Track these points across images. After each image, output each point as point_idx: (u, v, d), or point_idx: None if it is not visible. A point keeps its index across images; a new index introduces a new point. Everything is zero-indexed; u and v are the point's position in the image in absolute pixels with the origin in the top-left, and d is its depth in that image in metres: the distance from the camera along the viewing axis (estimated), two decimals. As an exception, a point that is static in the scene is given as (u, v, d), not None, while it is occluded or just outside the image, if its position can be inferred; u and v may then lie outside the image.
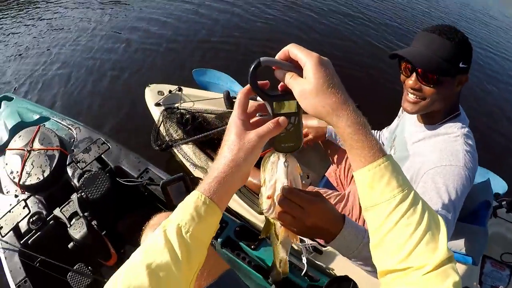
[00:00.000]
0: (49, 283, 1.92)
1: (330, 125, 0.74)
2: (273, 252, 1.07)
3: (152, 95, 3.24)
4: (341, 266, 2.00)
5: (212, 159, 2.74)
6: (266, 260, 1.88)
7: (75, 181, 2.17)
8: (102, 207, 2.13)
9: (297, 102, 0.78)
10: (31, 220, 2.06)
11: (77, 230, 1.87)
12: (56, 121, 2.60)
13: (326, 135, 2.30)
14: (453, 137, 1.42)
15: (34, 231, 2.03)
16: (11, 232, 2.06)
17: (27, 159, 2.26)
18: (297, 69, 0.76)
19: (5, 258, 1.99)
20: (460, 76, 1.38)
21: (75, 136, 2.45)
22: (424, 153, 1.45)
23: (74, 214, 2.02)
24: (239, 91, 0.82)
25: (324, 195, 1.97)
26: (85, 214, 2.01)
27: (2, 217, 2.13)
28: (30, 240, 2.02)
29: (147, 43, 5.36)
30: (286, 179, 0.86)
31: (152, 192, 2.19)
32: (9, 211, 2.14)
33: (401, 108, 1.85)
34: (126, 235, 2.41)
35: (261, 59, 0.75)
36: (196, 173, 2.68)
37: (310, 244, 2.00)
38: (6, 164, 2.29)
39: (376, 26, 6.81)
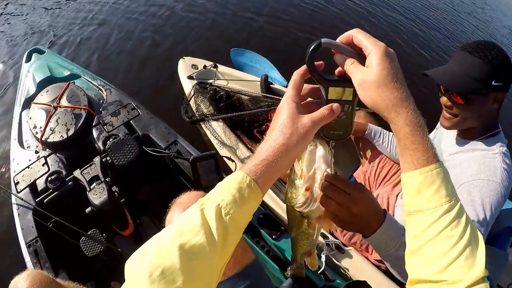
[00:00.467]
0: (61, 245, 1.81)
1: (387, 120, 0.71)
2: (297, 246, 1.04)
3: (186, 67, 3.15)
4: (357, 268, 1.93)
5: (242, 140, 2.63)
6: (285, 252, 1.84)
7: (100, 143, 2.04)
8: (126, 175, 2.00)
9: (354, 91, 0.75)
10: (49, 178, 1.95)
11: (97, 196, 1.73)
12: (86, 79, 2.48)
13: (366, 132, 2.19)
14: (491, 154, 1.41)
15: (51, 190, 1.92)
16: (27, 189, 1.96)
17: (52, 115, 2.14)
18: (359, 56, 0.73)
19: (18, 215, 1.90)
20: (495, 93, 1.37)
21: (105, 97, 2.32)
22: (461, 166, 1.44)
23: (95, 178, 1.90)
24: (295, 72, 0.79)
25: None
26: (107, 179, 1.88)
27: (20, 172, 2.03)
28: (46, 199, 1.91)
29: (193, 12, 5.13)
30: (329, 167, 0.84)
31: (178, 165, 2.05)
32: (28, 167, 2.03)
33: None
34: (144, 205, 2.29)
35: (322, 40, 0.72)
36: (223, 152, 2.56)
37: (334, 241, 1.94)
38: (30, 118, 2.19)
39: (426, 34, 6.47)
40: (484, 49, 1.34)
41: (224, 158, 2.04)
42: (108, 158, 1.89)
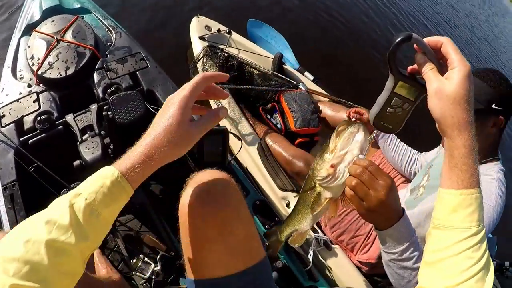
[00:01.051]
0: (40, 194, 1.63)
1: (445, 135, 0.75)
2: (294, 218, 1.07)
3: (199, 27, 2.99)
4: (341, 269, 1.91)
5: (245, 115, 2.52)
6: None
7: (100, 90, 1.87)
8: (124, 133, 1.86)
9: (419, 93, 0.79)
10: (38, 118, 1.76)
11: (90, 150, 1.56)
12: (96, 17, 2.26)
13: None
14: (489, 179, 1.46)
15: (38, 131, 1.74)
16: (13, 125, 1.77)
17: (53, 48, 1.94)
18: (439, 63, 0.76)
19: None
20: (494, 117, 1.46)
21: (113, 40, 2.11)
22: None
23: (88, 128, 1.71)
24: (202, 74, 0.80)
25: None
26: (102, 132, 1.71)
27: (8, 104, 1.84)
28: (31, 140, 1.73)
29: None
30: (362, 154, 0.88)
31: None
32: (17, 101, 1.84)
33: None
34: None
35: (414, 35, 0.73)
36: (224, 123, 2.43)
37: (323, 237, 1.90)
38: (29, 46, 1.99)
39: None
40: (489, 75, 1.46)
41: (231, 135, 1.93)
42: (109, 112, 1.71)
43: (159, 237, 1.79)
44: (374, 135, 0.90)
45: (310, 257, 1.75)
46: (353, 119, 2.11)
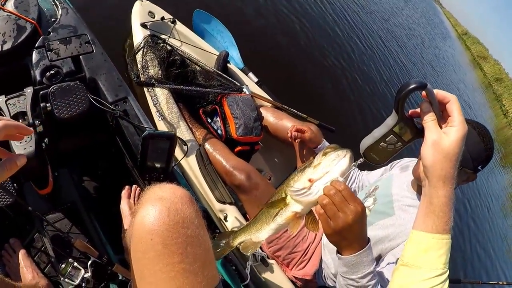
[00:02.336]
0: None
1: (429, 183, 0.80)
2: (247, 228, 1.09)
3: (142, 12, 2.81)
4: (277, 283, 1.94)
5: (183, 116, 2.40)
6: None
7: (37, 72, 1.65)
8: (62, 128, 1.68)
9: (413, 137, 0.85)
10: (-39, 99, 1.51)
11: (22, 145, 1.34)
12: (44, -11, 1.99)
13: (318, 146, 2.18)
14: None
15: None
16: None
17: (-10, 17, 1.68)
18: (440, 116, 0.81)
19: None
20: (473, 175, 1.53)
21: (58, 17, 1.88)
22: (411, 220, 1.57)
23: (20, 114, 1.46)
24: (5, 124, 0.76)
25: None
26: (36, 122, 1.49)
27: None
28: None
29: None
30: (342, 178, 0.91)
31: (121, 127, 1.74)
32: None
33: (391, 163, 2.00)
34: (66, 157, 1.92)
35: (428, 85, 0.77)
36: (160, 125, 2.31)
37: (260, 253, 1.93)
38: None
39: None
40: (487, 136, 1.50)
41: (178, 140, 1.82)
42: (47, 104, 1.53)
43: (91, 240, 1.66)
44: (359, 162, 0.92)
45: (248, 271, 1.74)
46: (296, 141, 2.14)
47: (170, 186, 0.96)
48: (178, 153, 1.99)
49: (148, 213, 0.85)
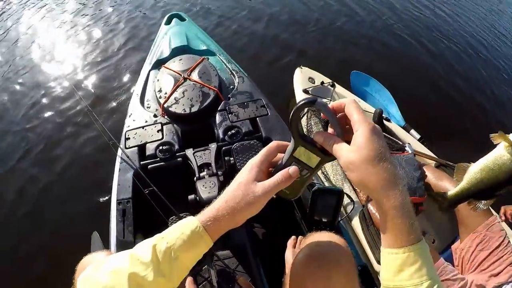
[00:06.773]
0: (149, 215, 1.73)
1: (375, 200, 0.69)
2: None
3: (302, 79, 3.02)
4: None
5: (346, 177, 2.45)
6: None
7: (220, 131, 1.95)
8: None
9: (320, 161, 0.74)
10: (160, 147, 1.89)
11: (207, 190, 1.62)
12: (221, 60, 2.40)
13: None
14: None
15: (159, 159, 1.86)
16: (136, 148, 1.91)
17: (180, 85, 2.08)
18: (344, 129, 0.71)
19: (119, 169, 1.86)
20: None
21: (236, 84, 2.21)
22: None
23: (205, 165, 1.78)
24: (275, 141, 0.79)
25: (444, 270, 1.90)
26: (219, 173, 1.76)
27: (134, 129, 1.98)
28: (151, 166, 1.85)
29: (333, 21, 5.11)
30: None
31: None
32: (142, 127, 1.98)
33: None
34: None
35: (318, 100, 0.69)
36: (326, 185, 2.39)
37: None
38: (158, 80, 2.15)
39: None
40: None
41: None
42: (231, 158, 1.78)
43: (253, 280, 1.76)
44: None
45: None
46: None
47: (328, 234, 1.07)
48: (342, 210, 2.03)
49: (304, 254, 0.96)
